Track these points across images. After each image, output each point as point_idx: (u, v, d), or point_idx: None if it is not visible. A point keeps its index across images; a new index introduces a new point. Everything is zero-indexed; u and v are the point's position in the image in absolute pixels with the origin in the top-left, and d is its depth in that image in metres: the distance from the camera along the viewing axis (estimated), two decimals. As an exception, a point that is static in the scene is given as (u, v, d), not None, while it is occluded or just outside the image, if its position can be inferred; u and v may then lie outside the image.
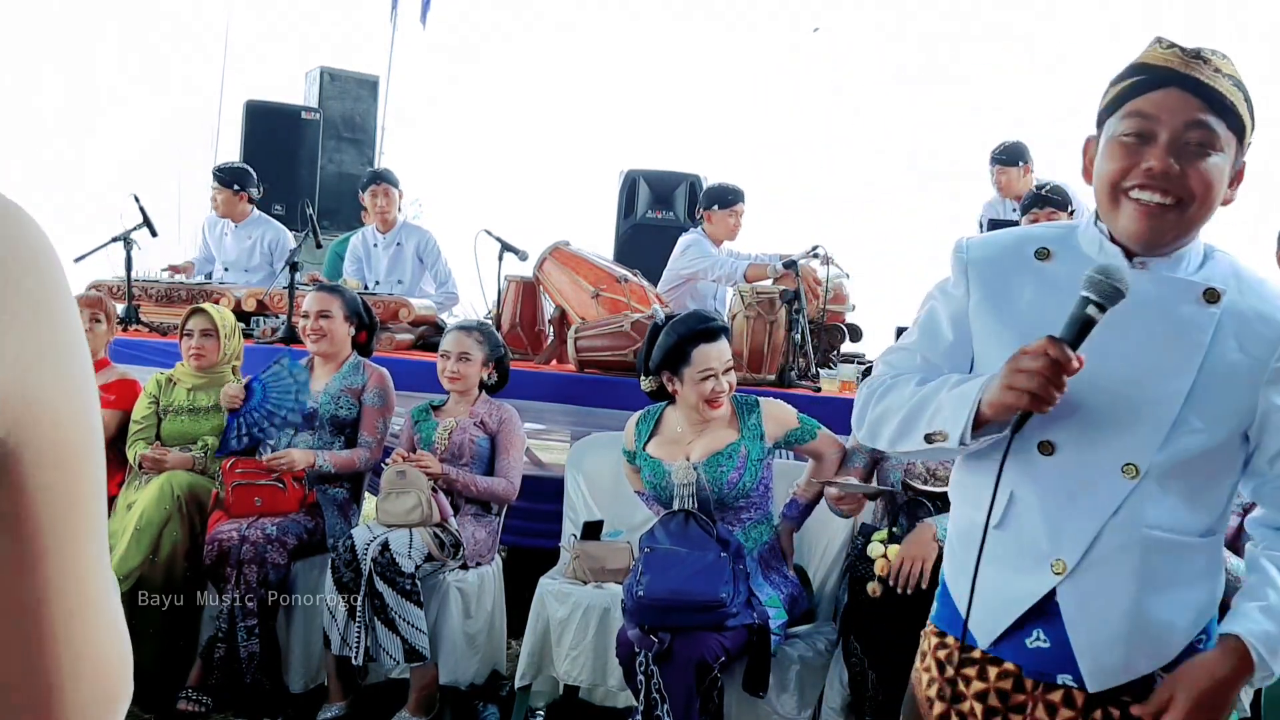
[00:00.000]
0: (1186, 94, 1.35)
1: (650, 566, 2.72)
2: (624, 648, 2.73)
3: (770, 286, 4.21)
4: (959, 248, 1.57)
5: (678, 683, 2.60)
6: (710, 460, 2.92)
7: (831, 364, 4.20)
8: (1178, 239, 1.41)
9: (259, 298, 4.67)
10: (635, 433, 3.09)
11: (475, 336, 3.50)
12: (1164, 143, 1.36)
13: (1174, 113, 1.36)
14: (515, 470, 3.46)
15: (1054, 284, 1.44)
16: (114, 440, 3.61)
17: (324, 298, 3.61)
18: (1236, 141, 1.38)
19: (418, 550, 3.15)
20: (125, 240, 4.59)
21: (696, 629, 2.63)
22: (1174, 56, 1.37)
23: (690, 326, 2.95)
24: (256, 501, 3.34)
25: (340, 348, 3.60)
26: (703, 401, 2.91)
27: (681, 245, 5.08)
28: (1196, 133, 1.36)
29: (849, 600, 2.86)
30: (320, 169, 7.10)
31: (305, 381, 3.54)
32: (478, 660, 3.29)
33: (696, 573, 2.69)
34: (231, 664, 3.16)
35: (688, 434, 3.00)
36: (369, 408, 3.55)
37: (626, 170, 6.20)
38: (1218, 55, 1.37)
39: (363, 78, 7.70)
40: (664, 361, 2.95)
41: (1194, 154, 1.36)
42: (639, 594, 2.66)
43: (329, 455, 3.45)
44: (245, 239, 5.47)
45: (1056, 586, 1.41)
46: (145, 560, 3.23)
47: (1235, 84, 1.37)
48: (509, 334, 4.51)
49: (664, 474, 2.96)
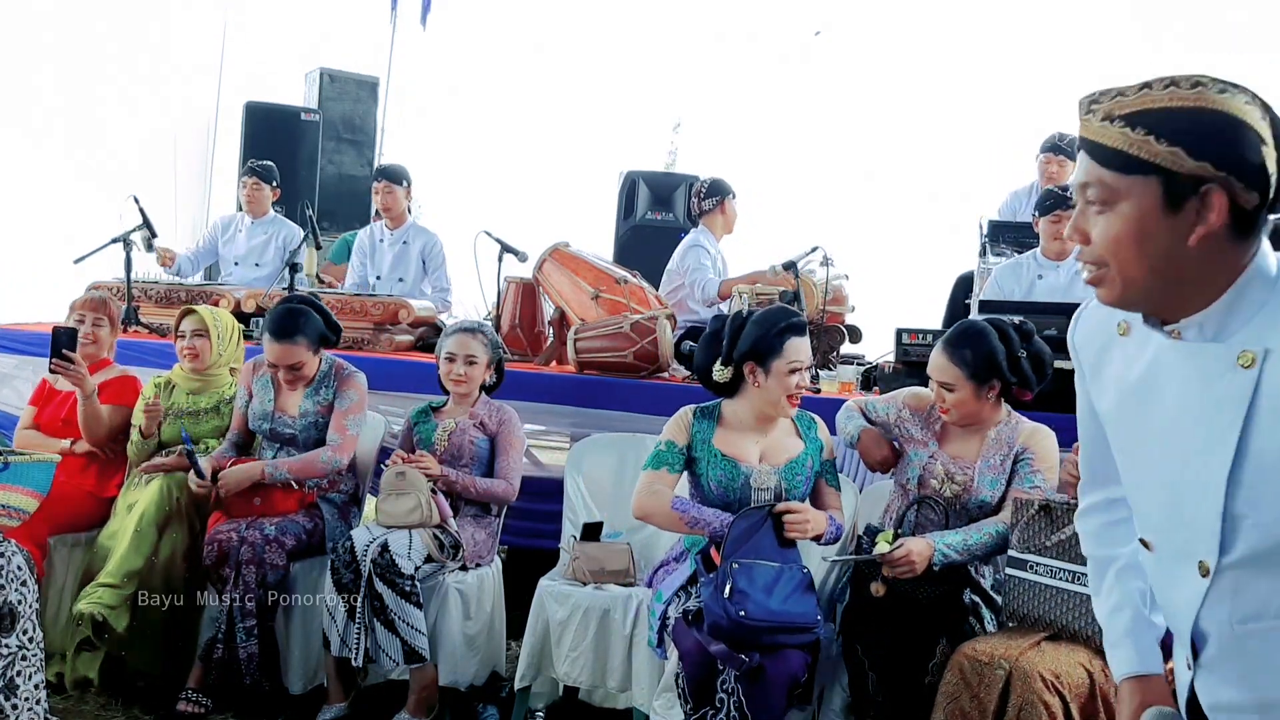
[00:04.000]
0: (1084, 154, 1.27)
1: (743, 582, 2.60)
2: (699, 661, 2.63)
3: (770, 287, 4.21)
4: (1070, 332, 1.52)
5: (767, 701, 2.55)
6: (788, 466, 2.89)
7: (831, 365, 4.20)
8: (1157, 301, 1.28)
9: (258, 299, 4.67)
10: (694, 427, 2.94)
11: (480, 339, 3.49)
12: (1074, 213, 1.30)
13: (1076, 177, 1.29)
14: (515, 471, 3.46)
15: (1129, 360, 1.37)
16: (115, 439, 3.62)
17: (287, 350, 3.37)
18: (1160, 180, 1.21)
19: (417, 551, 3.15)
20: (125, 241, 4.60)
21: (787, 647, 2.59)
22: (1080, 117, 1.28)
23: (783, 318, 2.89)
24: (256, 501, 3.34)
25: (312, 374, 3.50)
26: (786, 396, 2.86)
27: (683, 248, 5.09)
28: (1092, 191, 1.26)
29: (850, 600, 2.86)
30: (320, 170, 7.11)
31: None
32: (477, 661, 3.29)
33: (792, 593, 2.63)
34: (231, 665, 3.16)
35: (754, 434, 2.92)
36: (338, 410, 3.45)
37: (626, 171, 6.22)
38: (1110, 96, 1.25)
39: (363, 79, 7.71)
40: (752, 351, 2.85)
41: (1095, 214, 1.27)
42: (740, 614, 2.54)
43: (283, 463, 3.37)
44: (261, 234, 5.61)
45: (1193, 680, 1.35)
46: (146, 561, 3.23)
47: (1128, 121, 1.22)
48: (509, 335, 4.51)
49: (739, 476, 2.87)
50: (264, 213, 5.66)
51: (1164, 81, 1.23)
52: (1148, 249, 1.24)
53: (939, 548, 2.62)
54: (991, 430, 2.84)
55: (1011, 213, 5.56)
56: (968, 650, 2.41)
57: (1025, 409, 2.92)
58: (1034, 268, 4.26)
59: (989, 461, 2.81)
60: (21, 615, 2.59)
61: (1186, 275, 1.25)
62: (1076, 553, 2.43)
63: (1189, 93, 1.21)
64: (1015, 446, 2.81)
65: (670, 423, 2.99)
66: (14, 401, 4.37)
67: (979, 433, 2.85)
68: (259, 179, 5.61)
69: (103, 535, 3.41)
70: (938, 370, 2.78)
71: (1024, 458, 2.80)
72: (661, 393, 3.84)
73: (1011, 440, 2.83)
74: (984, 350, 2.73)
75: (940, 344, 2.80)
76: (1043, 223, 4.21)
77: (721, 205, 5.11)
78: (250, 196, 5.61)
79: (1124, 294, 1.28)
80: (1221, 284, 1.25)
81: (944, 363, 2.76)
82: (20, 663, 2.57)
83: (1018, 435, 2.83)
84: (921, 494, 2.85)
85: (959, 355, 2.74)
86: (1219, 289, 1.25)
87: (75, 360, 3.45)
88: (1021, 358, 2.76)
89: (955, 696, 2.36)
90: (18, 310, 5.24)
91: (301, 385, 3.50)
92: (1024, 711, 2.23)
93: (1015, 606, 2.55)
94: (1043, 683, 2.24)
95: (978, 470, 2.80)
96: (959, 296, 5.12)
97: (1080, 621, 2.39)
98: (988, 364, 2.73)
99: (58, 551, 3.43)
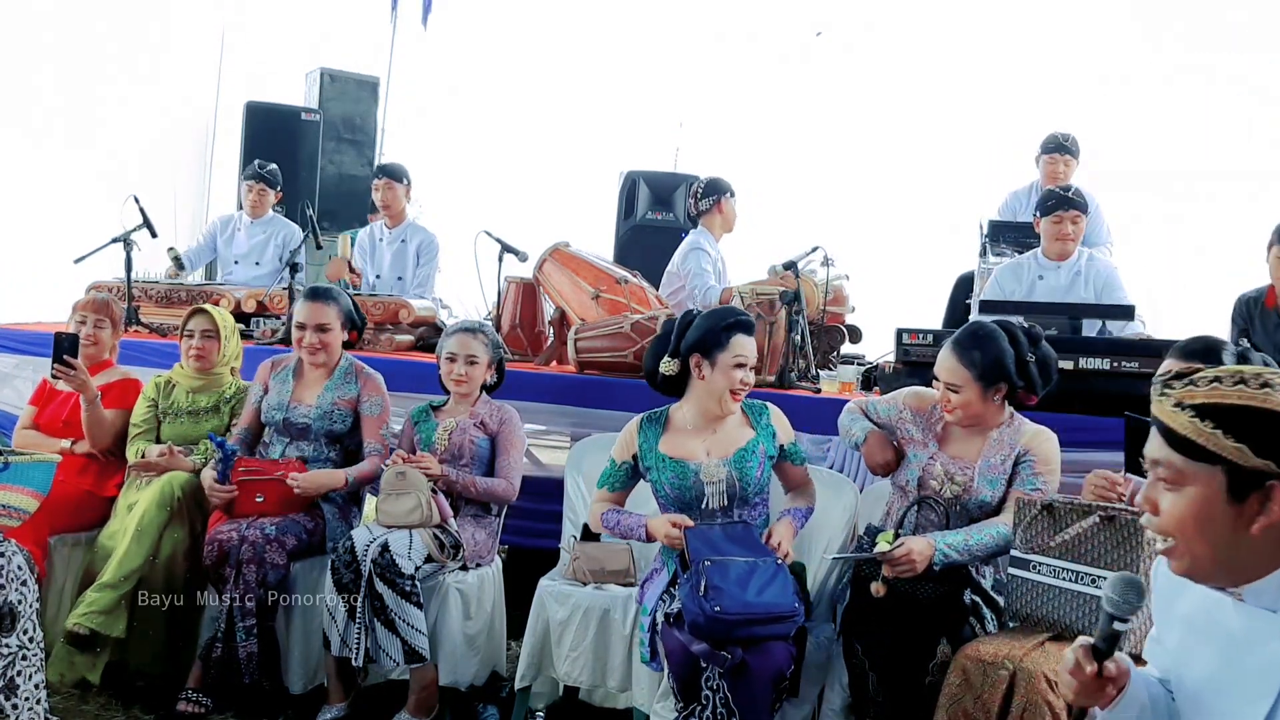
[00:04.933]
0: (1156, 431, 1.41)
1: (717, 579, 2.60)
2: (683, 661, 2.64)
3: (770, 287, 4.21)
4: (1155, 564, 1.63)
5: (753, 696, 2.55)
6: (737, 456, 2.90)
7: (831, 365, 4.20)
8: (1223, 575, 1.39)
9: (259, 298, 4.67)
10: (640, 437, 2.98)
11: (481, 339, 3.49)
12: (1145, 483, 1.44)
13: (1149, 451, 1.43)
14: (515, 471, 3.45)
15: (1194, 602, 1.49)
16: (116, 441, 3.61)
17: (320, 309, 3.53)
18: (1225, 471, 1.33)
19: (417, 551, 3.15)
20: (125, 241, 4.60)
21: (769, 640, 2.59)
22: (1154, 396, 1.42)
23: (730, 315, 2.95)
24: (258, 499, 3.33)
25: (334, 357, 3.58)
26: (729, 391, 2.89)
27: (683, 250, 5.08)
28: (1162, 470, 1.40)
29: (850, 600, 2.86)
30: (320, 170, 7.10)
31: None
32: (477, 661, 3.29)
33: (766, 584, 2.63)
34: (231, 665, 3.16)
35: (702, 432, 2.95)
36: (369, 417, 3.52)
37: (626, 171, 6.21)
38: (1182, 383, 1.37)
39: (363, 79, 7.71)
40: (698, 344, 2.91)
41: (1164, 489, 1.41)
42: (715, 610, 2.54)
43: (354, 472, 3.44)
44: (260, 234, 5.61)
45: None
46: (146, 561, 3.23)
47: (1198, 412, 1.35)
48: (509, 335, 4.51)
49: (689, 473, 2.89)
50: (264, 213, 5.67)
51: (1233, 377, 1.31)
52: (1210, 531, 1.33)
53: (940, 547, 2.62)
54: (993, 431, 2.84)
55: (1011, 213, 5.56)
56: (971, 651, 2.40)
57: (1027, 410, 2.91)
58: (1035, 268, 4.26)
59: (989, 462, 2.81)
60: (21, 615, 2.58)
61: (1248, 557, 1.34)
62: (1079, 553, 2.43)
63: (1257, 392, 1.30)
64: (1017, 448, 2.81)
65: (618, 438, 3.04)
66: (14, 401, 4.37)
67: (980, 434, 2.84)
68: (265, 185, 5.61)
69: (103, 535, 3.41)
70: (945, 371, 2.78)
71: (1025, 460, 2.79)
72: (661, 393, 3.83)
73: (1013, 442, 2.82)
74: (993, 353, 2.73)
75: (949, 344, 2.80)
76: (1044, 223, 4.19)
77: (719, 204, 5.09)
78: (255, 201, 5.62)
79: (1192, 568, 1.38)
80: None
81: (953, 364, 2.76)
82: (20, 663, 2.57)
83: (1020, 437, 2.83)
84: (921, 495, 2.85)
85: (968, 357, 2.74)
86: (1278, 564, 1.34)
87: (77, 366, 3.45)
88: (1029, 362, 2.76)
89: (958, 697, 2.36)
90: (18, 310, 5.24)
91: (323, 373, 3.53)
92: (1028, 712, 2.23)
93: (1018, 606, 2.55)
94: (1047, 683, 2.23)
95: (978, 471, 2.80)
96: (959, 297, 5.12)
97: (1084, 621, 2.39)
98: (996, 367, 2.73)
99: (58, 551, 3.43)
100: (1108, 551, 2.39)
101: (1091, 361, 3.40)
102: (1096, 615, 2.36)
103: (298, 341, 3.54)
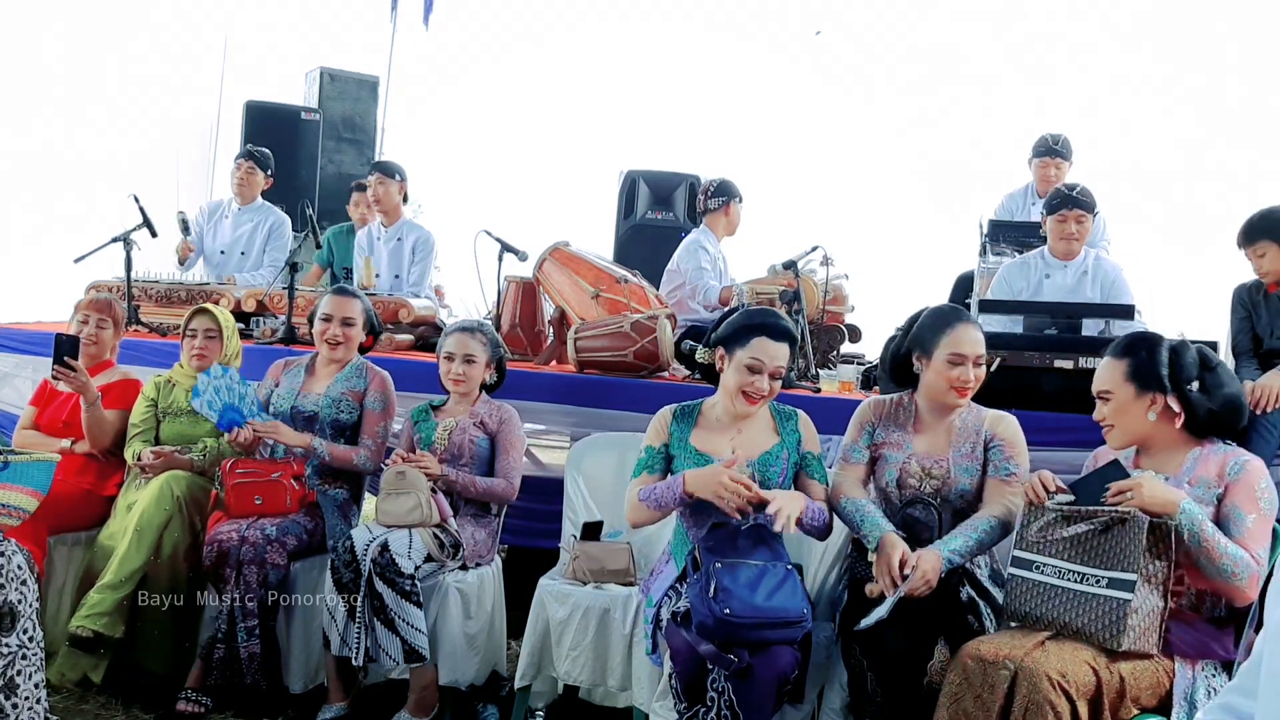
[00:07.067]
0: None
1: (726, 581, 2.60)
2: (689, 662, 2.63)
3: (770, 287, 4.21)
4: None
5: (757, 699, 2.55)
6: (762, 459, 2.88)
7: (831, 364, 4.21)
8: None
9: (259, 298, 4.67)
10: (673, 425, 2.96)
11: (479, 338, 3.50)
12: None
13: None
14: (515, 470, 3.46)
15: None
16: (116, 441, 3.62)
17: (347, 302, 3.60)
18: None
19: (417, 551, 3.15)
20: (125, 241, 4.59)
21: (776, 644, 2.58)
22: None
23: (761, 316, 2.93)
24: (257, 500, 3.34)
25: (352, 354, 3.63)
26: (740, 391, 2.86)
27: (684, 248, 5.08)
28: None
29: (849, 601, 2.85)
30: (320, 169, 7.11)
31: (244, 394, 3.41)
32: (477, 661, 3.29)
33: (776, 588, 2.62)
34: (231, 664, 3.16)
35: (728, 430, 2.93)
36: (370, 411, 3.55)
37: (626, 171, 6.21)
38: None
39: (363, 78, 7.72)
40: (724, 337, 2.92)
41: None
42: (725, 613, 2.53)
43: (327, 444, 3.46)
44: (247, 221, 5.54)
45: None
46: (146, 561, 3.23)
47: None
48: (509, 334, 4.51)
49: None
50: (252, 199, 5.58)
51: None
52: None
53: (946, 555, 2.62)
54: (955, 420, 2.86)
55: (1008, 215, 5.55)
56: (972, 650, 2.40)
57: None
58: (1041, 267, 4.25)
59: (960, 451, 2.83)
60: (21, 615, 2.59)
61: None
62: (1082, 552, 2.43)
63: None
64: (983, 434, 2.83)
65: (650, 425, 3.02)
66: (14, 401, 4.37)
67: (945, 425, 2.86)
68: (255, 164, 5.55)
69: (103, 535, 3.41)
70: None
71: (995, 444, 2.81)
72: (661, 392, 3.83)
73: (978, 428, 2.84)
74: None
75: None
76: (1050, 222, 4.18)
77: (726, 207, 5.10)
78: (243, 180, 5.53)
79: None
80: None
81: (1105, 366, 2.64)
82: (20, 662, 2.57)
83: (983, 424, 2.85)
84: (906, 495, 2.85)
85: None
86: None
87: (77, 368, 3.45)
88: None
89: (958, 697, 2.35)
90: (18, 310, 5.25)
91: (336, 367, 3.59)
92: (1030, 712, 2.22)
93: (1017, 606, 2.54)
94: (1049, 683, 2.22)
95: (951, 461, 2.82)
96: (959, 296, 5.11)
97: (1083, 620, 2.38)
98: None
99: (58, 551, 3.43)
100: (1111, 552, 2.39)
101: (1092, 361, 3.40)
102: (1098, 615, 2.37)
103: (320, 334, 3.59)
